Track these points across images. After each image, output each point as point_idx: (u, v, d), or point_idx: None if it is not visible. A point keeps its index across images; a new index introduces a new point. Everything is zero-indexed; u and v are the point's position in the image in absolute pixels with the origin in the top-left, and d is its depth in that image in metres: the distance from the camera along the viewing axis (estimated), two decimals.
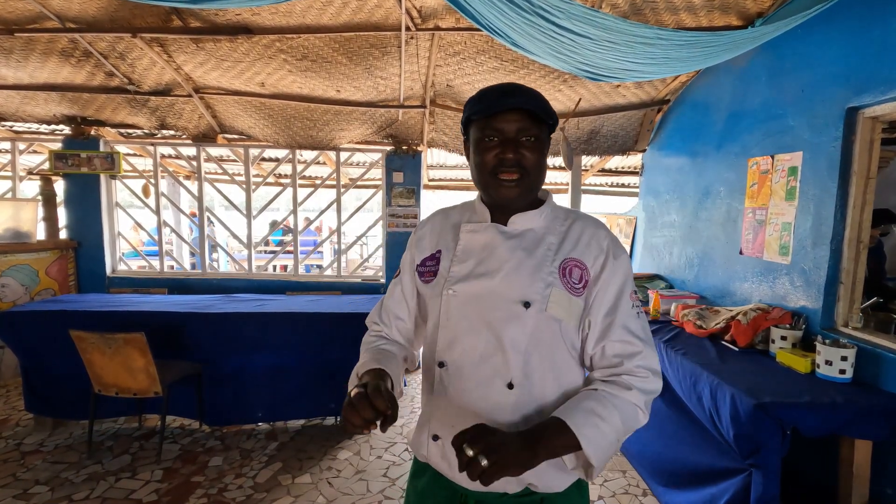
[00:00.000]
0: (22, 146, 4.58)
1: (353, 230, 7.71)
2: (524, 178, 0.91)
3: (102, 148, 4.29)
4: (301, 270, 4.61)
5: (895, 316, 2.37)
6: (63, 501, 2.34)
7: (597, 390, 0.90)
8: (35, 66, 3.53)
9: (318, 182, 5.06)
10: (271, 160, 5.30)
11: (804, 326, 2.28)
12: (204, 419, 3.04)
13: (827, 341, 2.01)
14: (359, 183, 4.99)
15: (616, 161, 4.85)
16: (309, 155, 4.74)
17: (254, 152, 4.53)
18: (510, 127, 0.89)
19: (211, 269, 4.80)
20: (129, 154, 5.07)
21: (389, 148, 4.31)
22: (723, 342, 2.47)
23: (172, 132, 4.31)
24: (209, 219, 5.66)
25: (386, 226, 4.39)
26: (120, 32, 3.08)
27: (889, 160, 3.91)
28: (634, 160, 4.64)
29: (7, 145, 4.54)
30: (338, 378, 3.04)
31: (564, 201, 4.59)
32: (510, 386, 0.90)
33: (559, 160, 4.70)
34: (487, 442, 0.74)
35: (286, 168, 5.01)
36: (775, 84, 2.58)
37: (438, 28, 2.97)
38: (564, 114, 3.71)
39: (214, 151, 4.98)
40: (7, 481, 2.49)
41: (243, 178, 4.44)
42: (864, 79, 2.05)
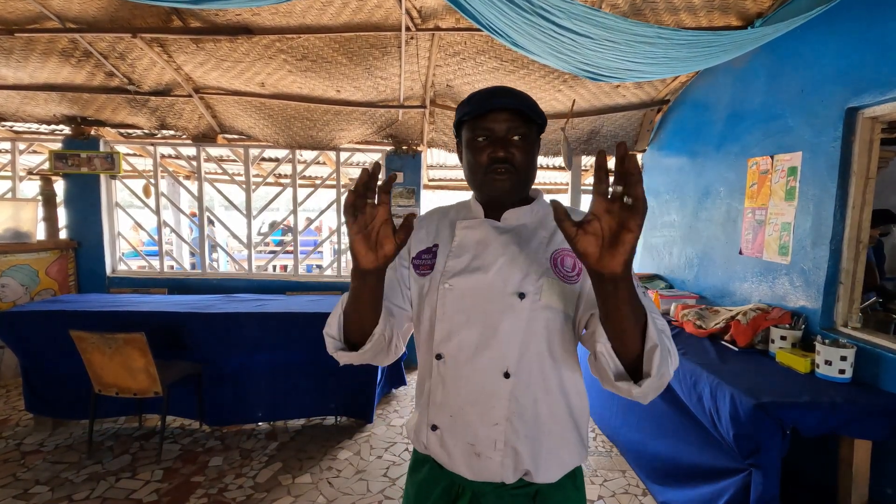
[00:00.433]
0: (22, 146, 4.58)
1: None
2: (515, 174, 0.94)
3: (102, 148, 4.29)
4: (301, 270, 4.61)
5: (894, 316, 2.37)
6: (63, 501, 2.34)
7: None
8: (35, 67, 3.53)
9: (318, 182, 5.07)
10: (271, 160, 5.30)
11: (804, 326, 2.29)
12: (204, 419, 3.04)
13: (826, 341, 2.02)
14: None
15: None
16: (309, 155, 4.74)
17: (254, 152, 4.53)
18: (500, 126, 0.93)
19: (211, 269, 4.80)
20: (129, 154, 5.07)
21: (389, 148, 4.31)
22: (722, 342, 2.47)
23: (172, 132, 4.31)
24: (209, 219, 5.67)
25: None
26: (120, 33, 3.08)
27: (888, 160, 3.90)
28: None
29: (7, 145, 4.53)
30: (338, 378, 3.04)
31: (564, 201, 4.59)
32: (506, 375, 0.93)
33: (559, 160, 4.71)
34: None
35: (286, 168, 5.02)
36: (775, 84, 2.58)
37: (438, 28, 2.97)
38: (564, 114, 3.71)
39: (214, 151, 4.98)
40: (7, 481, 2.49)
41: (243, 178, 4.45)
42: (864, 79, 2.06)
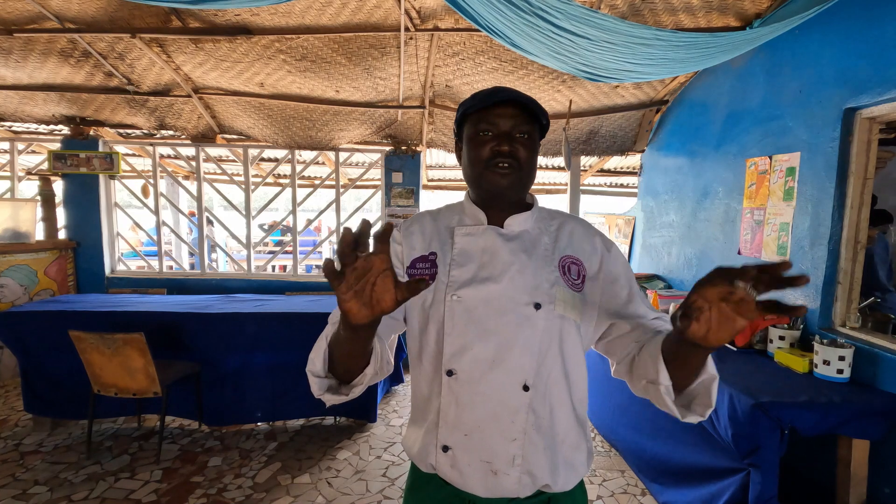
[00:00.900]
0: (21, 146, 4.57)
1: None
2: (518, 171, 0.92)
3: (101, 148, 4.28)
4: (300, 270, 4.61)
5: (892, 316, 2.38)
6: (62, 502, 2.34)
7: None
8: (34, 66, 3.53)
9: (318, 182, 5.07)
10: (270, 160, 5.29)
11: (802, 326, 2.29)
12: (203, 419, 3.04)
13: (825, 341, 2.02)
14: (358, 183, 4.99)
15: (615, 161, 4.86)
16: (308, 155, 4.74)
17: (253, 152, 4.52)
18: (505, 122, 0.91)
19: (210, 270, 4.79)
20: (128, 154, 5.07)
21: (388, 148, 4.31)
22: None
23: (171, 132, 4.31)
24: (208, 219, 5.66)
25: None
26: (119, 33, 3.08)
27: (886, 161, 3.92)
28: (633, 160, 4.65)
29: (6, 145, 4.53)
30: None
31: (564, 201, 4.60)
32: (525, 388, 0.89)
33: (559, 160, 4.72)
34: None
35: (285, 168, 5.02)
36: (773, 85, 2.58)
37: (437, 28, 2.97)
38: (563, 114, 3.72)
39: (213, 151, 4.97)
40: (6, 481, 2.49)
41: (242, 179, 4.45)
42: (862, 80, 2.06)
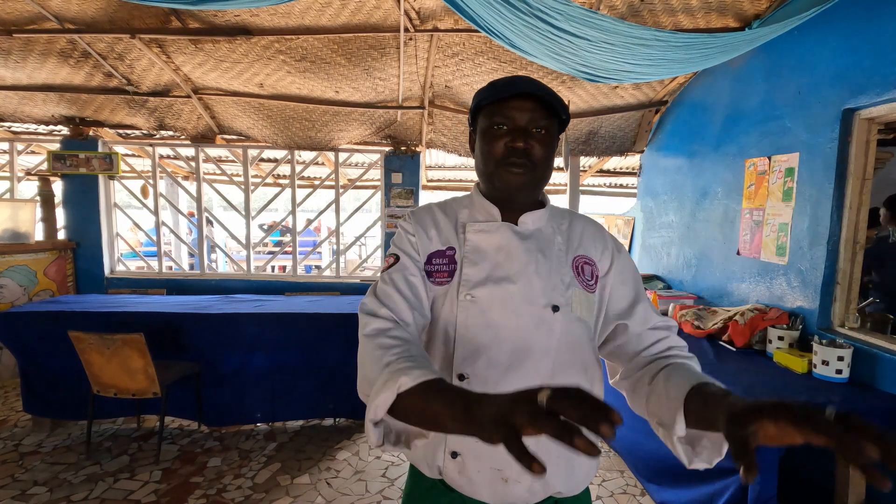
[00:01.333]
0: (20, 147, 4.56)
1: (352, 231, 7.72)
2: (532, 170, 0.87)
3: (101, 148, 4.28)
4: (300, 271, 4.61)
5: (891, 316, 2.38)
6: (62, 502, 2.34)
7: (683, 363, 0.83)
8: (33, 67, 3.53)
9: (317, 183, 5.07)
10: (270, 161, 5.29)
11: (801, 327, 2.29)
12: (202, 420, 3.04)
13: (824, 341, 2.03)
14: (357, 183, 4.99)
15: (614, 162, 4.86)
16: (308, 156, 4.73)
17: (252, 153, 4.52)
18: (522, 116, 0.85)
19: (209, 270, 4.79)
20: (128, 155, 5.07)
21: (388, 149, 4.31)
22: (720, 342, 2.48)
23: (171, 133, 4.31)
24: (208, 219, 5.66)
25: (384, 226, 4.39)
26: (118, 33, 3.08)
27: (885, 161, 3.93)
28: (632, 161, 4.65)
29: (5, 146, 4.52)
30: (337, 379, 3.04)
31: (563, 202, 4.60)
32: None
33: (558, 161, 4.72)
34: None
35: (285, 169, 5.02)
36: (772, 85, 2.59)
37: (437, 29, 2.98)
38: None
39: (213, 152, 4.97)
40: (5, 482, 2.49)
41: (242, 179, 4.45)
42: (861, 80, 2.07)
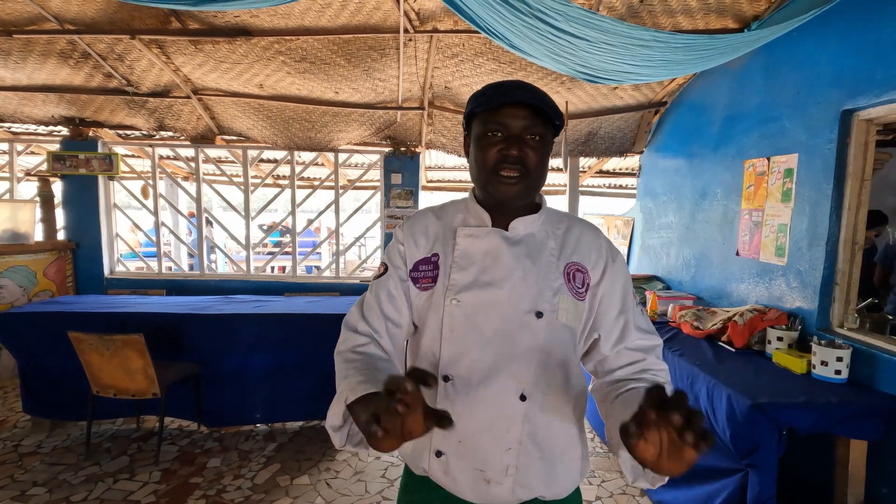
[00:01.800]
0: (20, 147, 4.57)
1: (352, 231, 7.71)
2: (525, 178, 0.87)
3: (101, 149, 4.28)
4: (300, 271, 4.61)
5: (890, 317, 2.39)
6: (61, 503, 2.34)
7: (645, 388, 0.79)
8: (33, 68, 3.53)
9: (317, 183, 5.07)
10: (270, 161, 5.30)
11: (800, 327, 2.30)
12: (202, 420, 3.04)
13: (822, 342, 2.03)
14: (357, 184, 4.99)
15: (614, 162, 4.87)
16: (307, 156, 4.74)
17: (252, 154, 4.53)
18: (516, 123, 0.85)
19: (209, 271, 4.79)
20: (128, 155, 5.07)
21: (388, 149, 4.32)
22: (719, 343, 2.48)
23: (171, 133, 4.31)
24: (207, 220, 5.66)
25: (384, 227, 4.40)
26: (118, 34, 3.08)
27: (884, 162, 3.93)
28: (632, 162, 4.65)
29: (5, 146, 4.53)
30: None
31: (563, 202, 4.60)
32: (522, 398, 0.87)
33: (557, 162, 4.72)
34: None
35: (285, 169, 5.02)
36: (771, 86, 2.59)
37: (437, 30, 2.98)
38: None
39: (213, 153, 4.98)
40: (5, 483, 2.49)
41: (242, 180, 4.45)
42: (859, 81, 2.07)
